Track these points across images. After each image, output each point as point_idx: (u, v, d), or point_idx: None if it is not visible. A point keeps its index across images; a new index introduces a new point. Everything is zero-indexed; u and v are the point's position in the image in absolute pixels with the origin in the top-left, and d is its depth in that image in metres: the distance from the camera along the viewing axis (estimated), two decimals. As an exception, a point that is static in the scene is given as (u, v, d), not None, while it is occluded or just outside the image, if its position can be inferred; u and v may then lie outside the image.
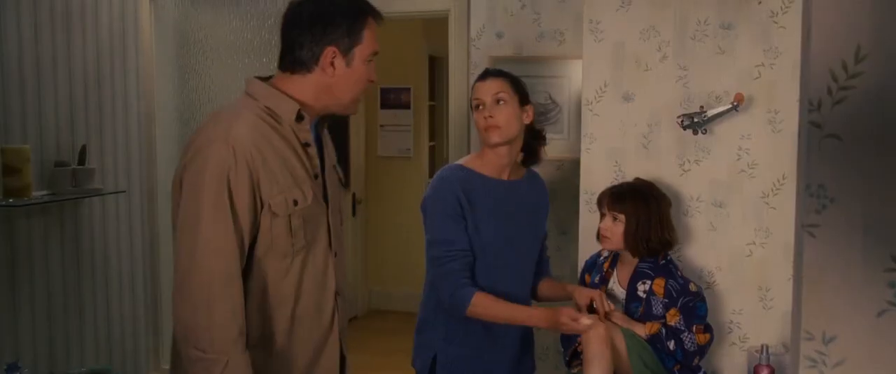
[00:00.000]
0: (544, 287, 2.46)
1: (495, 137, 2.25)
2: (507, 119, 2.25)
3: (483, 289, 2.21)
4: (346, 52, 1.76)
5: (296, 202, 1.71)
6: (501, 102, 2.25)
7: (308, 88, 1.76)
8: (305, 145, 1.77)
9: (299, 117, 1.75)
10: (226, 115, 1.71)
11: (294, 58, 1.75)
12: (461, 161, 2.37)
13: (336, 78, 1.76)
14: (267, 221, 1.68)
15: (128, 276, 3.43)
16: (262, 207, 1.67)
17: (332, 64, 1.75)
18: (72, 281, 3.12)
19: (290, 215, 1.70)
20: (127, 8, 3.37)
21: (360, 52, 1.78)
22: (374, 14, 1.81)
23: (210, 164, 1.62)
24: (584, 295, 2.29)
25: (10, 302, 2.84)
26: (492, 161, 2.32)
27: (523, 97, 2.31)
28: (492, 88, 2.27)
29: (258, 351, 1.71)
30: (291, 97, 1.75)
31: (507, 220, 2.31)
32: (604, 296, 2.26)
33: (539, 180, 2.46)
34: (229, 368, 1.61)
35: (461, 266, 2.22)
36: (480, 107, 2.28)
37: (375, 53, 1.82)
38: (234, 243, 1.64)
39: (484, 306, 2.18)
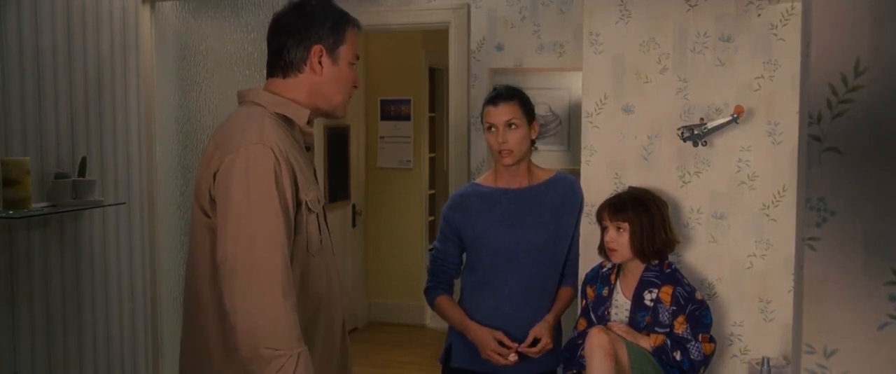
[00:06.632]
0: (558, 296, 2.58)
1: (508, 160, 2.49)
2: (518, 142, 2.48)
3: (487, 285, 2.54)
4: (332, 51, 1.87)
5: (319, 200, 1.83)
6: (513, 127, 2.47)
7: (301, 89, 1.86)
8: (307, 149, 1.89)
9: (308, 121, 1.87)
10: (246, 121, 1.77)
11: (285, 61, 1.86)
12: (478, 178, 2.69)
13: (325, 77, 1.87)
14: (303, 218, 1.77)
15: (127, 288, 3.43)
16: (298, 205, 1.76)
17: (319, 62, 1.85)
18: (71, 293, 3.11)
19: (317, 214, 1.81)
20: (128, 19, 3.38)
21: (344, 53, 1.89)
22: (354, 22, 1.94)
23: (256, 164, 1.68)
24: (534, 332, 2.46)
25: (10, 315, 2.84)
26: (504, 175, 2.56)
27: (531, 116, 2.53)
28: (504, 114, 2.47)
29: None
30: (295, 101, 1.85)
31: (519, 224, 2.52)
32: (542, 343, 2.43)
33: (566, 182, 2.61)
34: (302, 360, 1.66)
35: (441, 271, 2.64)
36: (493, 129, 2.49)
37: (357, 58, 1.94)
38: (286, 240, 1.69)
39: (442, 307, 2.61)
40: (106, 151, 3.27)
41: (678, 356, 2.21)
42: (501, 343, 2.44)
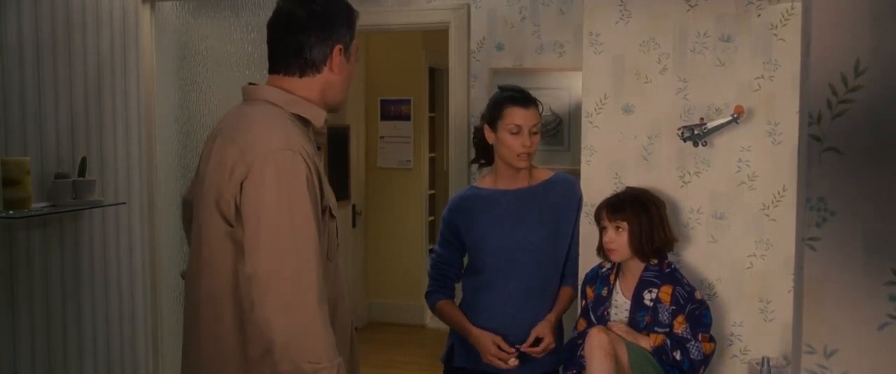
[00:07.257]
0: (558, 296, 2.58)
1: (524, 164, 2.50)
2: (535, 146, 2.50)
3: (488, 286, 2.54)
4: (347, 49, 1.83)
5: (336, 205, 1.81)
6: (535, 131, 2.48)
7: (315, 88, 1.80)
8: (317, 148, 1.83)
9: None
10: (267, 124, 1.70)
11: (304, 60, 1.78)
12: (477, 181, 2.71)
13: (339, 75, 1.82)
14: (325, 224, 1.74)
15: (127, 289, 3.43)
16: (323, 210, 1.72)
17: (337, 61, 1.81)
18: (71, 293, 3.11)
19: (335, 217, 1.79)
20: (128, 19, 3.38)
21: (354, 48, 1.86)
22: (356, 13, 1.89)
23: (287, 172, 1.62)
24: (536, 331, 2.46)
25: (10, 315, 2.84)
26: (505, 176, 2.56)
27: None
28: (532, 118, 2.48)
29: None
30: (309, 101, 1.80)
31: (519, 224, 2.52)
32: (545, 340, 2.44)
33: (566, 182, 2.61)
34: (342, 371, 1.63)
35: (441, 275, 2.65)
36: (517, 131, 2.46)
37: (357, 49, 1.91)
38: (320, 249, 1.65)
39: (443, 311, 2.61)
40: (106, 151, 3.27)
41: (678, 355, 2.21)
42: (502, 348, 2.44)
